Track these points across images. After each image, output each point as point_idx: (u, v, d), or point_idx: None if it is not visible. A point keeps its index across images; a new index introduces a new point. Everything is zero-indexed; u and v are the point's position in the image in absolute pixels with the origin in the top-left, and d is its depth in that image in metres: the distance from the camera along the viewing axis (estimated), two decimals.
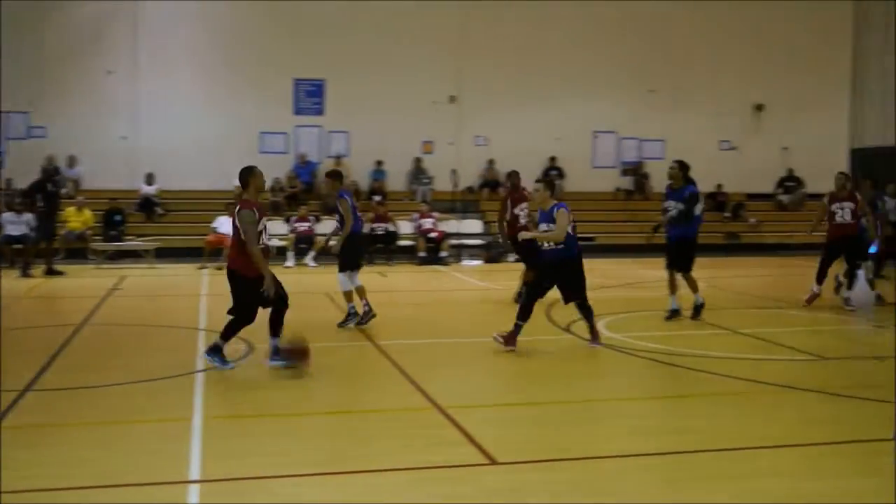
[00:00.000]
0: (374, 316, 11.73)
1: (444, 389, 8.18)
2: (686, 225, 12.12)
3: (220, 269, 19.23)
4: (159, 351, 10.11)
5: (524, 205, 13.97)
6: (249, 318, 8.81)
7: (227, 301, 8.89)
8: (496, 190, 25.59)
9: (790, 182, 27.18)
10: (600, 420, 7.45)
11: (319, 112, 25.27)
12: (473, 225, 23.86)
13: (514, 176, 14.67)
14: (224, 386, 8.38)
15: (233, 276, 8.78)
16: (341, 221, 11.76)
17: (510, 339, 9.87)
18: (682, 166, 12.43)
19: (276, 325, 8.93)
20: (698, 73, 26.89)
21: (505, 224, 14.08)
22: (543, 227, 10.01)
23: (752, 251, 23.54)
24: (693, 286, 12.34)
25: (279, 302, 8.85)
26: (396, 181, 25.56)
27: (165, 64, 23.99)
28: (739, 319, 12.47)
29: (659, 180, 26.51)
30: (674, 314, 12.31)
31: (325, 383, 8.60)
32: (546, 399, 8.20)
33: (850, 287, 13.59)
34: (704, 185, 21.06)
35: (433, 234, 21.52)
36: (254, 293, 8.60)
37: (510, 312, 13.10)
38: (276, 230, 21.65)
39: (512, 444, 6.53)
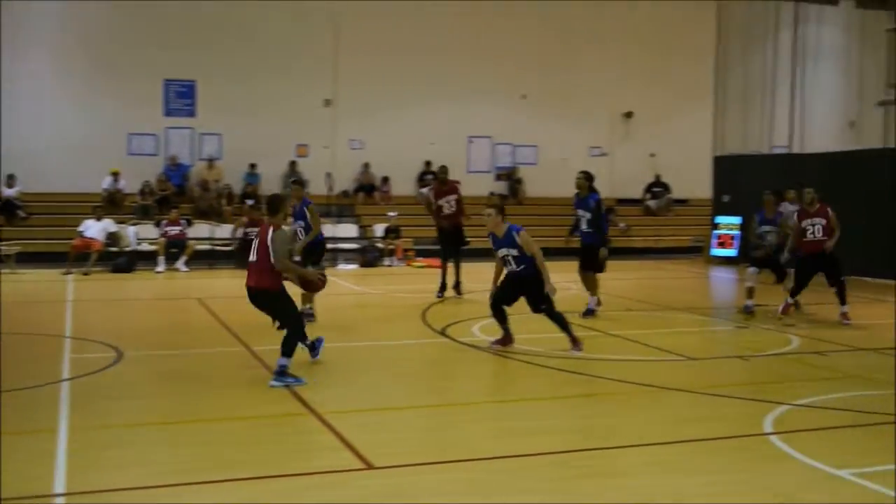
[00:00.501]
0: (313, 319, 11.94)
1: (321, 395, 8.11)
2: (596, 230, 13.07)
3: (86, 274, 18.67)
4: (24, 360, 9.69)
5: (450, 196, 15.40)
6: (301, 325, 8.96)
7: (96, 307, 8.60)
8: (371, 194, 25.59)
9: (657, 188, 28.02)
10: (478, 422, 7.50)
11: (191, 114, 24.71)
12: (349, 229, 23.74)
13: (442, 171, 16.05)
14: (93, 396, 8.09)
15: (265, 297, 8.83)
16: (306, 228, 12.04)
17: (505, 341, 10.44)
18: (588, 177, 13.39)
19: (289, 347, 8.82)
20: (569, 81, 27.44)
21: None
22: (504, 251, 10.21)
23: (622, 255, 24.12)
24: (593, 288, 13.20)
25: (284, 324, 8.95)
26: (271, 184, 25.19)
27: (27, 64, 23.07)
28: (611, 322, 12.77)
29: (532, 185, 27.05)
30: (589, 313, 13.10)
31: (200, 390, 8.42)
32: (423, 402, 8.22)
33: (843, 301, 12.80)
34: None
35: None
36: (290, 302, 8.89)
37: (387, 316, 13.13)
38: (147, 234, 21.13)
39: (389, 448, 6.51)
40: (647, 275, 19.61)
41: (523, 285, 10.25)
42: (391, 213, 22.30)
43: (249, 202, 22.84)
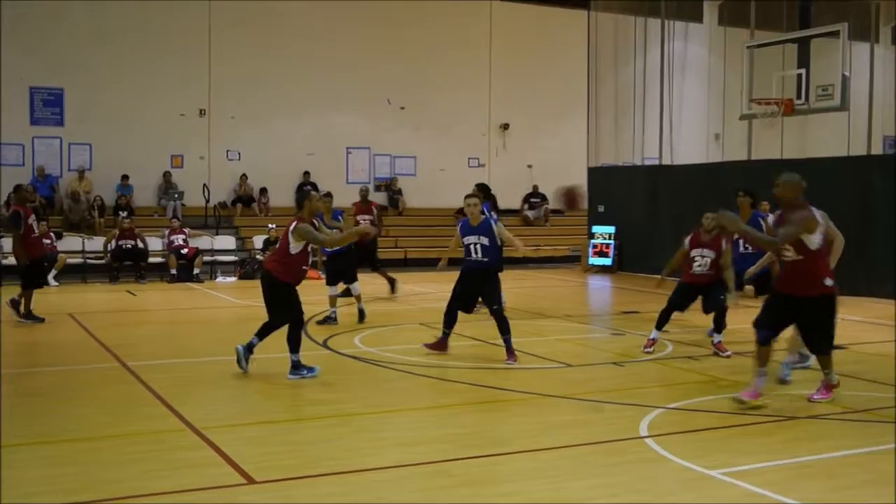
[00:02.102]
0: None
1: (199, 410, 7.95)
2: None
3: None
4: None
5: (365, 216, 16.77)
6: (301, 317, 9.50)
7: None
8: (250, 205, 25.24)
9: (535, 198, 28.51)
10: (357, 433, 7.46)
11: (59, 123, 23.93)
12: (227, 241, 23.34)
13: (363, 191, 17.92)
14: None
15: (270, 280, 9.43)
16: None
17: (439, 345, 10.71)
18: (483, 188, 13.66)
19: (293, 342, 9.36)
20: (447, 92, 27.71)
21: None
22: (474, 239, 10.44)
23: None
24: None
25: (298, 318, 9.45)
26: (144, 196, 24.63)
27: None
28: (491, 330, 12.88)
29: (411, 196, 27.16)
30: None
31: (74, 408, 8.13)
32: (303, 415, 8.15)
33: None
34: (455, 202, 21.75)
35: (184, 251, 20.86)
36: (289, 298, 9.38)
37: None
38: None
39: (270, 462, 6.42)
40: (525, 284, 19.87)
41: (485, 280, 10.43)
42: (270, 226, 22.03)
43: (122, 214, 22.25)
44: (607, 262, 23.30)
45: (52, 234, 20.45)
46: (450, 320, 10.76)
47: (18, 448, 6.81)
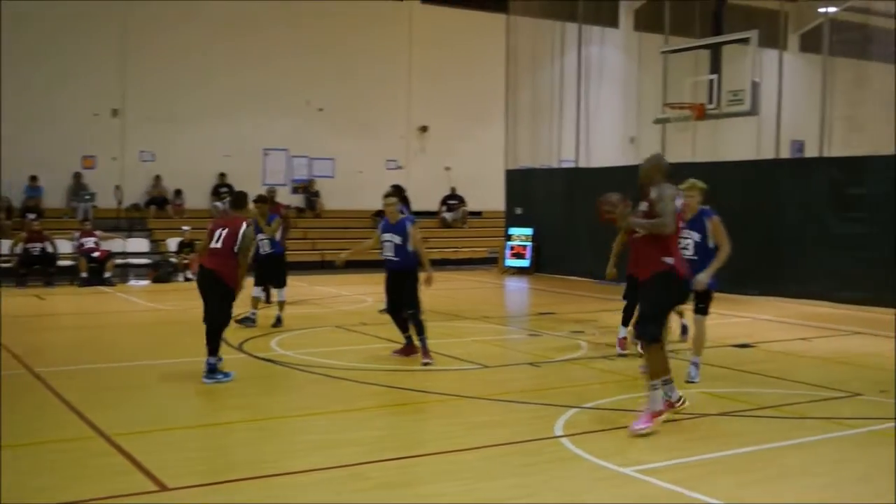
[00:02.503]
0: None
1: (110, 416, 7.77)
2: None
3: None
4: None
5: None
6: (226, 325, 9.57)
7: None
8: (164, 207, 24.81)
9: (453, 200, 28.61)
10: (273, 438, 7.39)
11: None
12: (140, 243, 22.90)
13: (270, 192, 16.59)
14: None
15: (213, 278, 9.37)
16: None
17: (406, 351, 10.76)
18: (399, 190, 13.51)
19: (214, 345, 9.32)
20: (364, 94, 27.63)
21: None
22: (388, 237, 10.43)
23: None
24: None
25: (226, 321, 9.52)
26: (54, 198, 24.00)
27: None
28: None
29: (329, 198, 27.02)
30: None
31: None
32: (216, 420, 8.03)
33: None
34: (373, 204, 21.72)
35: (96, 254, 20.39)
36: (230, 298, 9.43)
37: (180, 333, 12.74)
38: None
39: (184, 469, 6.31)
40: (443, 286, 19.90)
41: (403, 282, 10.44)
42: (185, 227, 21.68)
43: (31, 216, 21.66)
44: (525, 263, 23.49)
45: None
46: (402, 326, 10.72)
47: None
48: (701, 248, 9.18)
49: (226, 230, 9.41)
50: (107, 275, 20.22)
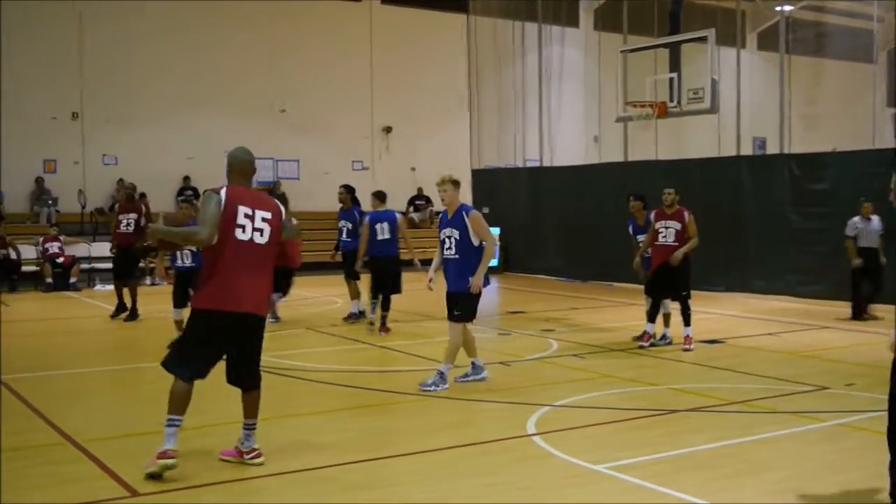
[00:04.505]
0: None
1: (78, 422, 7.72)
2: (356, 238, 13.71)
3: None
4: None
5: (132, 214, 15.51)
6: None
7: None
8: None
9: (419, 200, 28.62)
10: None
11: None
12: (105, 247, 22.62)
13: (128, 187, 16.31)
14: None
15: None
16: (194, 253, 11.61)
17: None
18: (349, 190, 14.48)
19: None
20: (327, 95, 27.58)
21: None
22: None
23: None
24: (354, 293, 14.14)
25: None
26: (16, 203, 23.71)
27: None
28: (376, 335, 12.91)
29: (295, 200, 26.87)
30: (353, 316, 14.15)
31: None
32: (189, 424, 7.97)
33: (686, 322, 11.39)
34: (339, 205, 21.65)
35: (60, 259, 20.20)
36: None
37: (148, 337, 12.65)
38: None
39: None
40: (413, 286, 19.92)
41: (385, 267, 10.85)
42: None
43: None
44: (493, 262, 23.52)
45: None
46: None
47: None
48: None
49: None
50: (72, 280, 20.03)
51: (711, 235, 14.10)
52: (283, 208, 6.67)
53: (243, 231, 6.27)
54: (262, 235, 6.35)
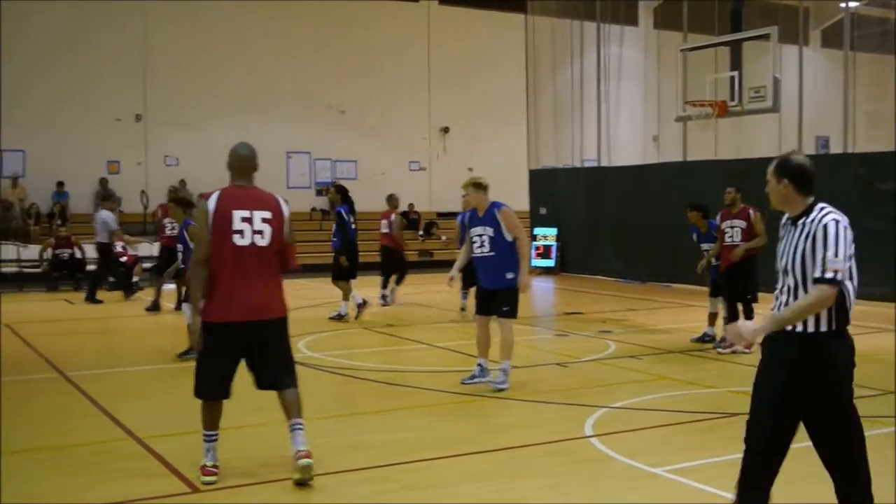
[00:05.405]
0: None
1: (141, 419, 7.86)
2: (340, 239, 14.03)
3: None
4: None
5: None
6: None
7: None
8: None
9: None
10: (309, 439, 7.41)
11: None
12: None
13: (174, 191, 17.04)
14: None
15: None
16: (188, 252, 11.14)
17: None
18: (339, 189, 14.74)
19: None
20: (387, 96, 27.72)
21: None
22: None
23: (444, 267, 24.48)
24: (345, 293, 14.18)
25: None
26: (80, 203, 24.22)
27: None
28: (435, 333, 12.95)
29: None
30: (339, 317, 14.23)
31: (13, 420, 7.98)
32: (243, 422, 8.07)
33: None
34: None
35: (124, 259, 20.53)
36: None
37: None
38: None
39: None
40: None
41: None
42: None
43: (58, 222, 21.87)
44: (550, 263, 23.48)
45: None
46: None
47: None
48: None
49: None
50: (135, 279, 20.35)
51: (774, 236, 13.86)
52: (285, 206, 6.34)
53: (241, 236, 5.97)
54: (262, 237, 6.02)
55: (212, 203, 6.09)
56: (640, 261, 21.11)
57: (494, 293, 9.08)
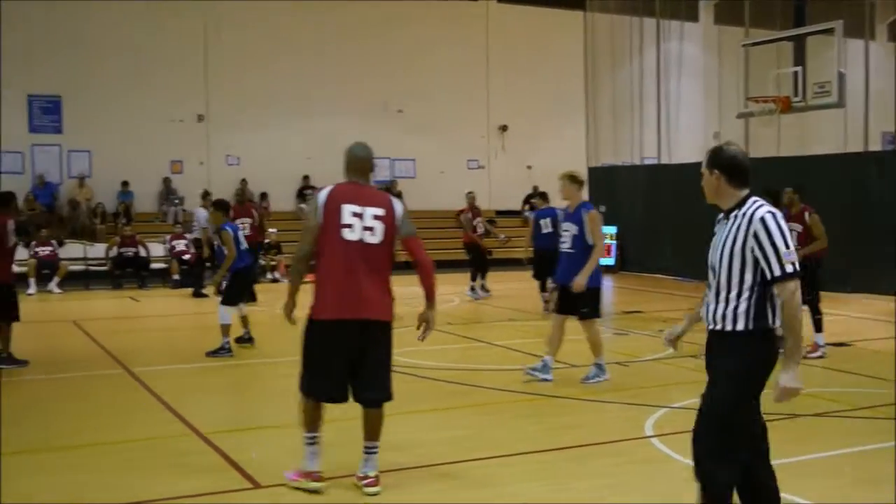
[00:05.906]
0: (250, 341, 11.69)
1: (203, 414, 7.99)
2: None
3: None
4: None
5: (245, 219, 15.96)
6: None
7: None
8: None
9: (534, 198, 28.49)
10: (359, 438, 7.46)
11: (58, 130, 23.96)
12: None
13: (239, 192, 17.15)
14: None
15: None
16: (222, 255, 11.40)
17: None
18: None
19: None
20: (445, 95, 27.76)
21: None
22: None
23: (503, 265, 24.48)
24: None
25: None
26: (145, 202, 24.68)
27: None
28: (496, 331, 12.96)
29: (412, 198, 27.17)
30: None
31: (81, 414, 8.18)
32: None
33: (817, 328, 10.98)
34: (455, 203, 21.78)
35: (187, 256, 20.88)
36: None
37: (270, 334, 12.96)
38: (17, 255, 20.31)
39: (274, 466, 6.40)
40: (528, 284, 19.90)
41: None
42: (271, 230, 22.07)
43: (123, 221, 22.30)
44: (610, 262, 23.32)
45: (52, 241, 20.49)
46: None
47: (23, 455, 6.84)
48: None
49: None
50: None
51: (837, 234, 13.62)
52: (399, 204, 6.14)
53: (351, 230, 5.81)
54: (373, 234, 5.86)
55: (322, 196, 5.96)
56: (700, 259, 20.51)
57: (571, 292, 9.15)
